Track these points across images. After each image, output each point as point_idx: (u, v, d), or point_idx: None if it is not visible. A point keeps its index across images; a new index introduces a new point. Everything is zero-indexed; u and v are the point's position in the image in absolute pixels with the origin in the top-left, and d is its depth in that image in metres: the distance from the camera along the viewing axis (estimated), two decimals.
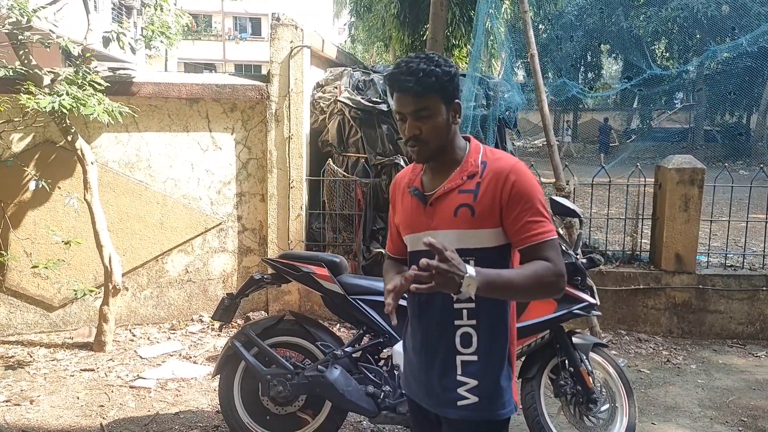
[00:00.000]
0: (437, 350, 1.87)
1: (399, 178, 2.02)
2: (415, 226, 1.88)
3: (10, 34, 4.40)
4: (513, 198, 1.76)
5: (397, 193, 2.01)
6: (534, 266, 1.74)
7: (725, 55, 10.12)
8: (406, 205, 1.93)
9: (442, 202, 1.82)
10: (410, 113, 1.76)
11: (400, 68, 1.74)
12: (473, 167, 1.82)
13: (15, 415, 3.82)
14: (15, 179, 4.92)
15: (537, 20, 11.38)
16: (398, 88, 1.75)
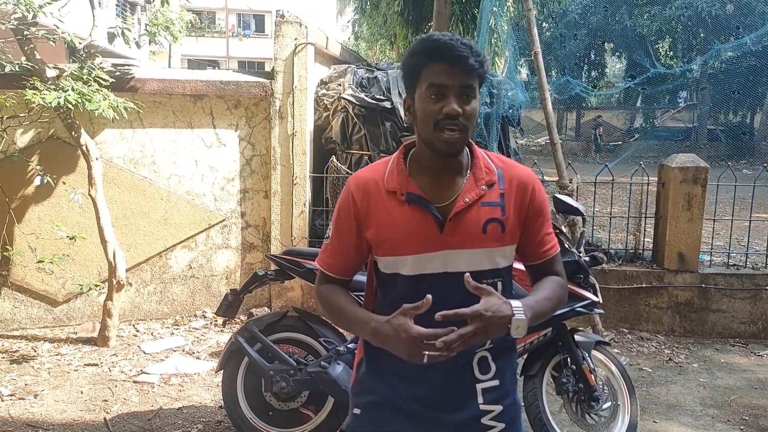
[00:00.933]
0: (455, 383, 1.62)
1: (364, 180, 1.61)
2: (424, 244, 1.54)
3: (16, 30, 4.42)
4: (536, 211, 1.64)
5: (366, 199, 1.58)
6: (553, 285, 1.67)
7: (729, 54, 10.09)
8: (394, 216, 1.56)
9: (464, 216, 1.54)
10: (457, 87, 1.48)
11: (449, 36, 1.48)
12: (490, 174, 1.60)
13: (19, 409, 3.84)
14: (20, 174, 4.94)
15: (541, 18, 11.35)
16: (448, 55, 1.46)
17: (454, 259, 1.54)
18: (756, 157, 18.69)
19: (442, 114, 1.47)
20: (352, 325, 1.63)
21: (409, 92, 1.56)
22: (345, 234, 1.64)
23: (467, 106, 1.49)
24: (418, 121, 1.54)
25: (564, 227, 3.68)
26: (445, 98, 1.48)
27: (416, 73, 1.51)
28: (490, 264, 1.58)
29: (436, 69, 1.48)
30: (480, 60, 1.49)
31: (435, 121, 1.49)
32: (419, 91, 1.51)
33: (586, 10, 14.23)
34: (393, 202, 1.56)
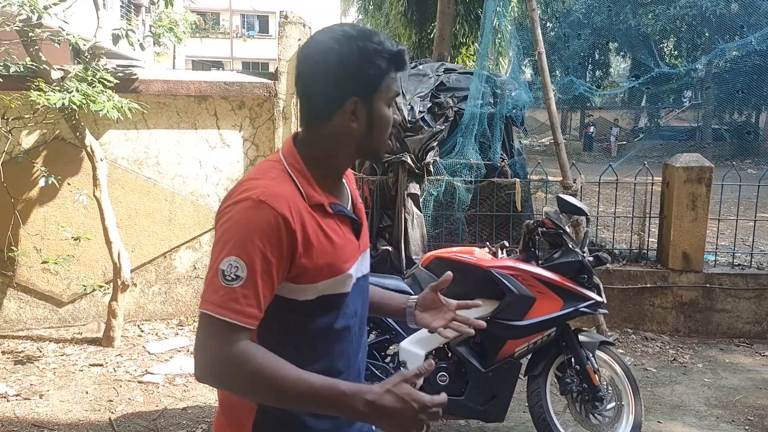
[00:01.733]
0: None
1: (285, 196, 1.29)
2: (353, 254, 1.43)
3: (21, 31, 4.43)
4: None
5: (299, 218, 1.29)
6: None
7: (734, 54, 10.07)
8: (328, 232, 1.36)
9: (363, 217, 1.53)
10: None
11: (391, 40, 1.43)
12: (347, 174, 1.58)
13: (25, 409, 3.86)
14: (25, 175, 4.96)
15: (545, 18, 11.35)
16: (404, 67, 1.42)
17: (363, 262, 1.49)
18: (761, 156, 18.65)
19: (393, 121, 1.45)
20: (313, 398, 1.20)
21: (363, 94, 1.36)
22: (270, 267, 1.25)
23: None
24: (372, 128, 1.38)
25: (568, 227, 3.68)
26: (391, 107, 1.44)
27: (379, 78, 1.36)
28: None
29: (395, 78, 1.40)
30: None
31: (389, 130, 1.43)
32: (379, 100, 1.37)
33: (590, 9, 14.21)
34: (321, 216, 1.35)
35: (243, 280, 1.21)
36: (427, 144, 5.47)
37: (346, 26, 1.37)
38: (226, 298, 1.21)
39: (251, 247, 1.23)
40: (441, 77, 5.97)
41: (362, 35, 1.35)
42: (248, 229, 1.24)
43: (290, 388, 1.20)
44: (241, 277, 1.21)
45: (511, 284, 3.18)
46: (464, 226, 5.64)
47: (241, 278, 1.21)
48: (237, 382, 1.23)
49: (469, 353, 3.25)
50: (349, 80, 1.34)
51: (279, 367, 1.21)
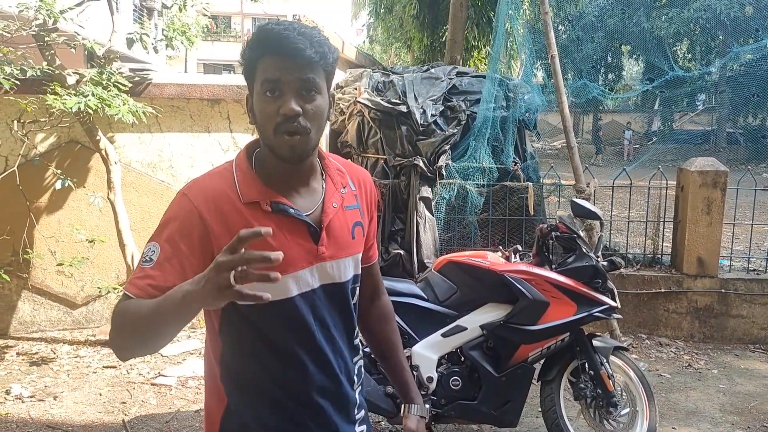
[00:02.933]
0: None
1: (210, 191, 1.34)
2: (301, 260, 1.36)
3: (37, 36, 4.48)
4: (374, 210, 1.58)
5: (218, 214, 1.31)
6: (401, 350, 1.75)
7: (748, 57, 9.98)
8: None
9: (335, 223, 1.42)
10: (294, 82, 1.28)
11: (284, 26, 1.29)
12: (343, 176, 1.49)
13: (39, 410, 3.89)
14: (40, 178, 5.01)
15: (557, 21, 11.30)
16: (280, 47, 1.27)
17: (328, 270, 1.40)
18: None
19: (280, 116, 1.27)
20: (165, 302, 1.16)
21: (249, 90, 1.35)
22: (180, 254, 1.28)
23: (309, 104, 1.29)
24: (257, 123, 1.34)
25: (581, 231, 3.66)
26: (281, 96, 1.28)
27: (252, 69, 1.31)
28: (355, 270, 1.49)
29: (269, 63, 1.27)
30: (321, 51, 1.29)
31: (274, 123, 1.28)
32: (255, 88, 1.31)
33: (603, 12, 14.15)
34: (256, 215, 1.32)
35: (153, 262, 1.28)
36: (440, 147, 5.46)
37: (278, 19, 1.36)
38: (137, 276, 1.28)
39: (165, 233, 1.31)
40: (453, 80, 5.96)
41: (267, 24, 1.31)
42: (168, 218, 1.33)
43: (147, 311, 1.19)
44: (153, 259, 1.28)
45: (525, 289, 3.16)
46: (476, 230, 5.62)
47: (153, 261, 1.28)
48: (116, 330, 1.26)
49: (482, 358, 3.23)
50: (244, 72, 1.35)
51: (142, 303, 1.23)
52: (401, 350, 1.73)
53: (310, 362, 1.40)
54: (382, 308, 1.72)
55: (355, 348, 1.54)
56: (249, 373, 1.40)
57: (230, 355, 1.40)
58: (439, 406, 3.24)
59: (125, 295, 1.28)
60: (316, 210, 1.40)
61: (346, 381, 1.48)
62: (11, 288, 5.08)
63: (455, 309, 3.28)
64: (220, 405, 1.42)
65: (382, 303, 1.72)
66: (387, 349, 1.70)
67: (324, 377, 1.42)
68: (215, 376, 1.43)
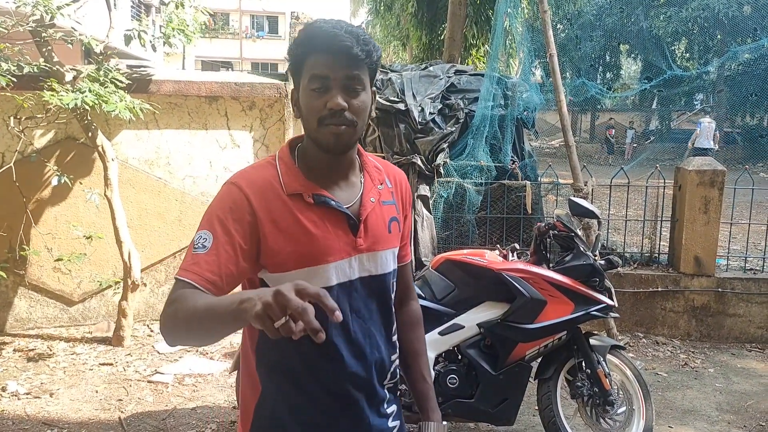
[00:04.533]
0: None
1: (257, 180, 1.40)
2: (341, 251, 1.40)
3: (34, 32, 4.46)
4: (408, 210, 1.62)
5: (264, 202, 1.37)
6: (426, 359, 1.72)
7: (746, 56, 10.00)
8: (304, 223, 1.37)
9: (373, 217, 1.46)
10: (341, 79, 1.33)
11: (332, 24, 1.35)
12: (380, 173, 1.53)
13: (35, 407, 3.88)
14: (37, 175, 4.99)
15: (555, 20, 11.30)
16: (329, 46, 1.32)
17: (366, 262, 1.45)
18: None
19: (326, 109, 1.33)
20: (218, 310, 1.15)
21: (296, 84, 1.42)
22: (234, 241, 1.33)
23: (355, 100, 1.35)
24: (302, 116, 1.40)
25: (579, 230, 3.66)
26: (328, 92, 1.33)
27: (299, 65, 1.37)
28: (394, 264, 1.53)
29: (318, 60, 1.33)
30: (367, 49, 1.34)
31: (319, 117, 1.34)
32: (303, 83, 1.37)
33: (601, 11, 14.16)
34: (299, 206, 1.38)
35: (207, 249, 1.32)
36: (438, 146, 5.46)
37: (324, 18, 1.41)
38: (190, 262, 1.32)
39: (217, 220, 1.35)
40: (451, 79, 5.96)
41: (314, 22, 1.37)
42: (218, 207, 1.38)
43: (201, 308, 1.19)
44: (207, 246, 1.32)
45: (522, 287, 3.16)
46: (474, 228, 5.62)
47: (206, 247, 1.32)
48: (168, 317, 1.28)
49: (479, 356, 3.23)
50: (290, 67, 1.41)
51: (199, 296, 1.25)
52: (425, 360, 1.70)
53: (346, 353, 1.42)
54: (411, 314, 1.70)
55: (393, 344, 1.56)
56: (283, 362, 1.42)
57: (266, 343, 1.42)
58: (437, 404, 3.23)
59: (180, 281, 1.31)
60: (355, 203, 1.45)
61: (380, 376, 1.50)
62: (8, 285, 5.07)
63: (453, 307, 3.28)
64: (254, 393, 1.46)
65: (411, 309, 1.71)
66: (410, 356, 1.68)
67: (358, 369, 1.44)
68: (251, 364, 1.47)
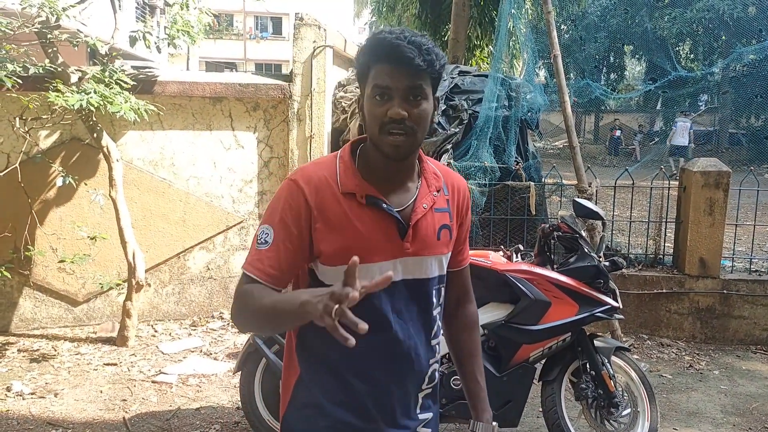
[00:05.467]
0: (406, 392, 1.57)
1: (314, 176, 1.46)
2: (388, 252, 1.45)
3: (39, 33, 4.47)
4: (466, 217, 1.65)
5: (319, 198, 1.44)
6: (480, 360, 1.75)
7: (751, 57, 9.96)
8: (354, 221, 1.43)
9: (422, 222, 1.49)
10: (403, 89, 1.38)
11: (396, 34, 1.37)
12: (438, 180, 1.56)
13: (40, 407, 3.89)
14: (42, 176, 5.00)
15: (559, 21, 11.28)
16: (393, 56, 1.36)
17: (411, 266, 1.48)
18: None
19: (387, 117, 1.38)
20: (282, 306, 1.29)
21: (361, 91, 1.47)
22: (292, 236, 1.43)
23: (415, 109, 1.39)
24: (366, 122, 1.45)
25: (583, 231, 3.65)
26: (390, 100, 1.38)
27: (365, 73, 1.43)
28: (439, 270, 1.55)
29: (381, 70, 1.38)
30: (429, 59, 1.38)
31: (380, 124, 1.39)
32: (366, 91, 1.43)
33: (605, 12, 14.13)
34: (351, 205, 1.44)
35: (269, 244, 1.43)
36: (442, 147, 5.45)
37: (389, 27, 1.46)
38: (255, 258, 1.43)
39: (278, 216, 1.44)
40: (455, 80, 5.95)
41: (379, 32, 1.42)
42: (279, 202, 1.46)
43: (267, 305, 1.33)
44: (268, 242, 1.43)
45: (527, 288, 3.16)
46: (478, 229, 5.61)
47: (268, 243, 1.43)
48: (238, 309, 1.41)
49: (483, 357, 3.20)
50: (357, 74, 1.48)
51: (265, 293, 1.37)
52: (478, 362, 1.74)
53: (383, 351, 1.47)
54: (467, 317, 1.75)
55: (431, 349, 1.58)
56: (322, 348, 1.49)
57: (307, 328, 1.44)
58: (440, 405, 3.23)
59: (246, 275, 1.42)
60: (407, 208, 1.49)
61: (417, 377, 1.55)
62: (12, 285, 5.09)
63: None
64: (293, 373, 1.55)
65: (467, 312, 1.75)
66: (464, 357, 1.73)
67: (395, 365, 1.50)
68: (291, 346, 1.56)
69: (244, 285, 1.42)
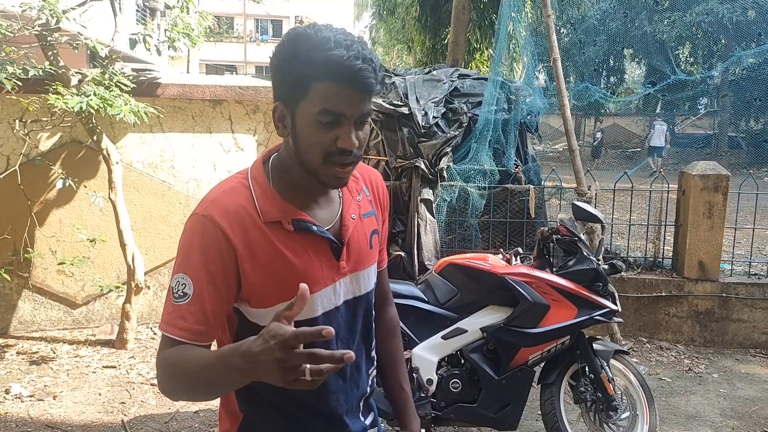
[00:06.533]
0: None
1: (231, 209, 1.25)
2: (324, 278, 1.31)
3: (40, 35, 4.48)
4: (386, 213, 1.50)
5: (242, 233, 1.24)
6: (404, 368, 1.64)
7: (751, 61, 9.98)
8: (284, 252, 1.26)
9: (353, 235, 1.36)
10: (357, 116, 1.21)
11: (347, 49, 1.17)
12: (357, 181, 1.42)
13: (38, 410, 3.88)
14: (42, 178, 5.01)
15: (559, 24, 11.30)
16: (351, 79, 1.17)
17: (350, 284, 1.37)
18: None
19: (336, 147, 1.20)
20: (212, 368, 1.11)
21: (288, 101, 1.23)
22: (216, 281, 1.22)
23: (361, 133, 1.23)
24: (299, 142, 1.24)
25: (582, 234, 3.65)
26: (340, 127, 1.19)
27: (302, 86, 1.19)
28: (374, 279, 1.45)
29: (333, 91, 1.17)
30: (381, 77, 1.22)
31: (325, 153, 1.21)
32: (306, 108, 1.20)
33: (605, 15, 14.15)
34: (278, 235, 1.26)
35: (189, 296, 1.21)
36: (441, 150, 5.46)
37: (317, 25, 1.24)
38: (174, 316, 1.22)
39: (194, 261, 1.23)
40: (455, 83, 5.96)
41: (324, 40, 1.19)
42: (192, 244, 1.24)
43: (195, 372, 1.15)
44: (188, 294, 1.21)
45: (526, 291, 3.16)
46: (477, 232, 5.62)
47: (188, 295, 1.21)
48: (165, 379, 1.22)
49: (482, 360, 3.23)
50: (276, 82, 1.25)
51: (189, 357, 1.17)
52: (403, 369, 1.62)
53: (330, 379, 1.34)
54: (389, 322, 1.63)
55: (371, 359, 1.50)
56: (266, 388, 1.23)
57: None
58: (439, 408, 3.23)
59: (168, 339, 1.22)
60: (336, 223, 1.34)
61: (360, 395, 1.46)
62: (12, 287, 5.09)
63: (456, 311, 3.28)
64: (234, 420, 1.39)
65: (389, 316, 1.64)
66: (387, 366, 1.60)
67: (339, 390, 1.39)
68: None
69: (165, 350, 1.21)
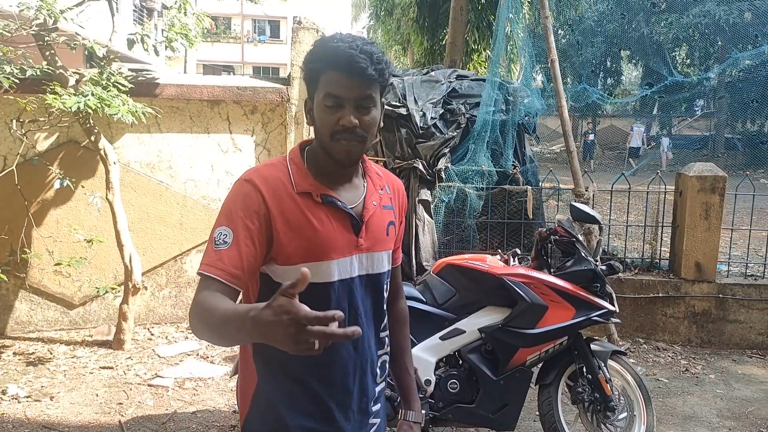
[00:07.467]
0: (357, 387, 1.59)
1: (269, 177, 1.47)
2: (343, 249, 1.49)
3: (37, 35, 4.47)
4: (403, 217, 1.72)
5: (276, 198, 1.45)
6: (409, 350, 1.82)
7: (747, 63, 10.01)
8: (311, 219, 1.45)
9: (373, 219, 1.55)
10: (353, 99, 1.41)
11: (348, 43, 1.40)
12: (381, 179, 1.63)
13: (35, 410, 3.87)
14: (39, 178, 5.00)
15: (557, 25, 11.32)
16: (346, 65, 1.39)
17: (366, 262, 1.54)
18: None
19: (339, 125, 1.42)
20: (230, 323, 1.22)
21: (310, 94, 1.50)
22: (253, 236, 1.41)
23: (366, 116, 1.43)
24: (316, 127, 1.48)
25: (580, 235, 3.66)
26: (341, 109, 1.42)
27: (315, 79, 1.46)
28: (388, 265, 1.62)
29: (333, 78, 1.41)
30: (380, 69, 1.42)
31: (331, 131, 1.43)
32: (317, 97, 1.45)
33: (602, 17, 14.19)
34: (308, 204, 1.46)
35: (229, 245, 1.40)
36: (439, 150, 5.46)
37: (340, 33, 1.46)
38: (214, 258, 1.39)
39: (235, 216, 1.42)
40: (453, 84, 5.97)
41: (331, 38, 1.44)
42: (234, 202, 1.44)
43: (219, 317, 1.25)
44: (228, 242, 1.40)
45: (524, 292, 3.16)
46: (475, 233, 5.62)
47: (228, 243, 1.40)
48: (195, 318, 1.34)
49: (480, 361, 3.23)
50: (305, 77, 1.50)
51: (218, 304, 1.29)
52: (409, 356, 1.80)
53: (341, 348, 1.49)
54: (399, 313, 1.81)
55: (381, 341, 1.64)
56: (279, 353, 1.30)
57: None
58: (437, 408, 3.23)
59: (206, 278, 1.37)
60: (358, 205, 1.53)
61: (370, 372, 1.58)
62: (8, 288, 5.07)
63: (454, 312, 3.28)
64: (251, 382, 1.53)
65: (399, 308, 1.81)
66: (396, 351, 1.77)
67: (350, 362, 1.52)
68: (248, 354, 1.53)
69: (202, 291, 1.36)
